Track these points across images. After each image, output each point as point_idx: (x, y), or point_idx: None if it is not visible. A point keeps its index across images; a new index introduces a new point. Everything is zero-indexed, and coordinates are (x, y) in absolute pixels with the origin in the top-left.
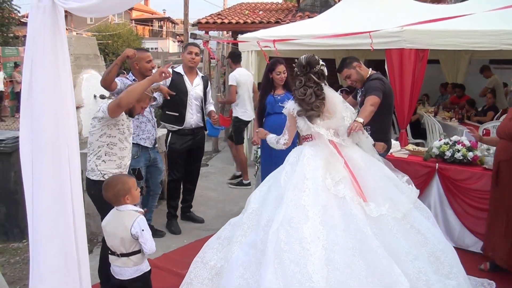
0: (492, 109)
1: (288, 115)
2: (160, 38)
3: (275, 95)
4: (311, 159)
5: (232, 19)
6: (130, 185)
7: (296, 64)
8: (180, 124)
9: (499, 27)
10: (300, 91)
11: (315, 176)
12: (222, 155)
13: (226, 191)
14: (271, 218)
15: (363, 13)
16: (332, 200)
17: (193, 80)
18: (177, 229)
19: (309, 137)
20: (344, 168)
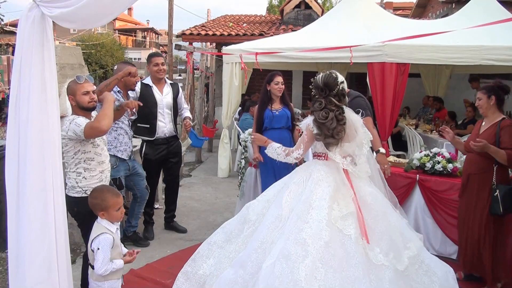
0: (472, 123)
1: (307, 130)
2: (143, 49)
3: (273, 109)
4: (319, 185)
5: (217, 31)
6: (108, 203)
7: (313, 85)
8: (152, 135)
9: (479, 42)
10: (321, 114)
11: (321, 206)
12: (205, 165)
13: (209, 201)
14: (266, 241)
15: (346, 27)
16: (336, 236)
17: (162, 89)
18: (150, 235)
19: (323, 155)
20: (353, 202)
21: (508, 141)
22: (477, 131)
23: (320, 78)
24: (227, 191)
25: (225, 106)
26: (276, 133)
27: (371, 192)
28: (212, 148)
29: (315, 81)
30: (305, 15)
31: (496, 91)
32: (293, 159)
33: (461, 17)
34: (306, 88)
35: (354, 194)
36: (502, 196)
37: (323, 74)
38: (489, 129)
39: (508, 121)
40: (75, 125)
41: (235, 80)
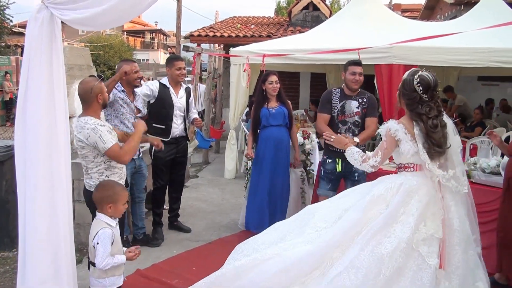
0: (480, 125)
1: (388, 136)
2: (151, 50)
3: (269, 107)
4: (410, 198)
5: (224, 32)
6: (120, 197)
7: (419, 84)
8: (167, 136)
9: (487, 44)
10: (432, 122)
11: (408, 222)
12: (212, 166)
13: (216, 202)
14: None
15: (354, 29)
16: (414, 258)
17: (178, 91)
18: (160, 236)
19: (412, 166)
20: (441, 225)
21: None
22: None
23: (429, 76)
24: (233, 192)
25: (232, 107)
26: (274, 130)
27: (460, 216)
28: (219, 149)
29: (422, 80)
30: (313, 17)
31: None
32: (369, 166)
33: (469, 19)
34: (313, 90)
35: (444, 213)
36: None
37: (426, 72)
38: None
39: None
40: (99, 138)
41: (242, 82)
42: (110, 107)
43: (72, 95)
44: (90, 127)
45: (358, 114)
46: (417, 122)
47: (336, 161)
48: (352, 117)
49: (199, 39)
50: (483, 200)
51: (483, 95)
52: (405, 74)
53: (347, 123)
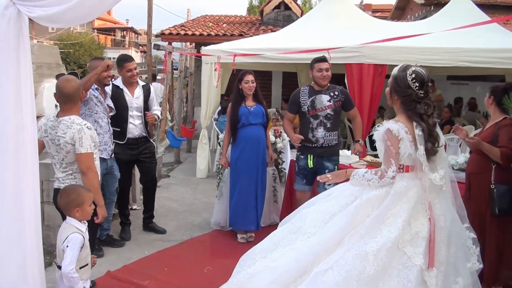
0: (449, 123)
1: (392, 138)
2: (122, 48)
3: (248, 106)
4: (399, 200)
5: (196, 30)
6: (84, 198)
7: (415, 80)
8: (122, 139)
9: (457, 45)
10: (432, 120)
11: (395, 224)
12: (184, 166)
13: (188, 202)
14: (326, 248)
15: (325, 28)
16: (398, 256)
17: (134, 91)
18: (127, 236)
19: (401, 167)
20: (428, 224)
21: (504, 140)
22: (482, 130)
23: (422, 71)
24: (205, 191)
25: (204, 106)
26: (254, 129)
27: (445, 213)
28: (191, 149)
29: (416, 75)
30: (284, 16)
31: (497, 93)
32: (389, 179)
33: (439, 19)
34: (285, 88)
35: (431, 213)
36: (499, 195)
37: (418, 67)
38: (490, 128)
39: (507, 121)
40: (79, 139)
41: (214, 81)
42: (85, 106)
43: (41, 94)
44: (76, 127)
45: (330, 107)
46: (418, 123)
47: (308, 157)
48: (324, 110)
49: (171, 38)
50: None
51: (452, 94)
52: (395, 70)
53: (319, 117)
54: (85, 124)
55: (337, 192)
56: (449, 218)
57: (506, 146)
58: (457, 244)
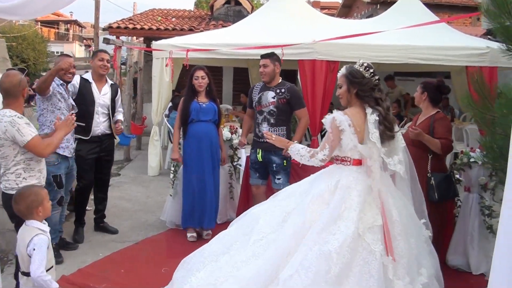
0: (398, 118)
1: (333, 127)
2: (66, 42)
3: (200, 102)
4: (349, 194)
5: (145, 24)
6: (43, 196)
7: (367, 67)
8: (86, 134)
9: (406, 42)
10: (387, 105)
11: (351, 218)
12: (135, 164)
13: (140, 201)
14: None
15: (276, 24)
16: (359, 252)
17: (102, 88)
18: (80, 237)
19: (347, 160)
20: (380, 215)
21: (441, 132)
22: (414, 124)
23: (366, 62)
24: (158, 189)
25: (155, 102)
26: (203, 126)
27: (397, 206)
28: (141, 146)
29: (367, 65)
30: (235, 11)
31: (430, 89)
32: (318, 161)
33: (388, 17)
34: (236, 84)
35: (382, 205)
36: (437, 183)
37: (360, 61)
38: (424, 122)
39: (441, 114)
40: (17, 132)
41: (165, 76)
42: (48, 101)
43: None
44: (7, 119)
45: (273, 104)
46: (374, 108)
47: (257, 151)
48: (267, 106)
49: (118, 32)
50: None
51: None
52: (343, 70)
53: (263, 113)
54: (15, 114)
55: (289, 190)
56: (405, 214)
57: (445, 138)
58: (417, 236)
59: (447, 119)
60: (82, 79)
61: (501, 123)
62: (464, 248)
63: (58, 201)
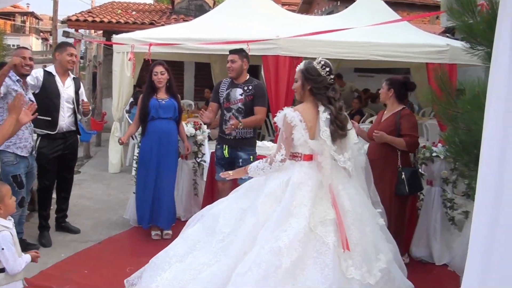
0: (358, 114)
1: (285, 124)
2: (22, 34)
3: (159, 99)
4: (299, 189)
5: (104, 18)
6: (3, 193)
7: (324, 66)
8: (53, 129)
9: (368, 39)
10: (340, 104)
11: (302, 214)
12: (95, 161)
13: (101, 199)
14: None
15: (239, 20)
16: (312, 245)
17: (65, 81)
18: (48, 241)
19: (298, 155)
20: (332, 207)
21: (407, 128)
22: (379, 120)
23: (324, 60)
24: (120, 187)
25: (115, 97)
26: (164, 123)
27: (350, 197)
28: (101, 142)
29: (325, 63)
30: (196, 6)
31: (397, 86)
32: (278, 163)
33: (350, 14)
34: (198, 79)
35: (333, 198)
36: (408, 178)
37: (319, 59)
38: (390, 118)
39: (407, 111)
40: None
41: (126, 71)
42: (3, 100)
43: None
44: None
45: (241, 101)
46: (327, 106)
47: (223, 147)
48: (235, 104)
49: (77, 25)
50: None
51: (359, 86)
52: (301, 65)
53: (231, 110)
54: None
55: (247, 185)
56: (358, 202)
57: (409, 135)
58: (372, 224)
59: (412, 115)
60: (46, 72)
61: (464, 119)
62: (427, 240)
63: (19, 202)
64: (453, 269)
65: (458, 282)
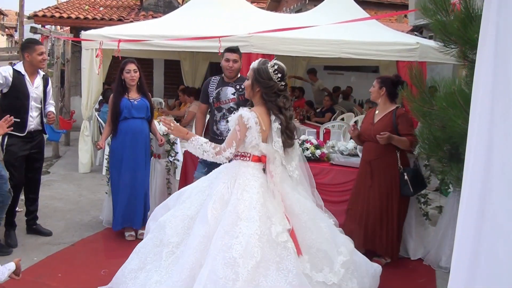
0: (330, 111)
1: (241, 124)
2: None
3: (131, 99)
4: (246, 192)
5: (72, 13)
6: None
7: (277, 71)
8: (22, 130)
9: (340, 37)
10: (290, 113)
11: (251, 217)
12: (64, 160)
13: (73, 200)
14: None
15: (211, 17)
16: (272, 248)
17: (34, 80)
18: (13, 242)
19: (247, 155)
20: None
21: (406, 128)
22: (370, 120)
23: (282, 65)
24: (91, 187)
25: (84, 96)
26: (137, 123)
27: (298, 199)
28: (70, 142)
29: (278, 67)
30: (165, 2)
31: (388, 85)
32: (224, 158)
33: (320, 12)
34: (167, 77)
35: (283, 205)
36: (411, 178)
37: (278, 61)
38: (385, 118)
39: (402, 110)
40: None
41: (95, 68)
42: None
43: None
44: None
45: (233, 101)
46: (277, 116)
47: None
48: (227, 103)
49: (44, 20)
50: (343, 180)
51: (329, 83)
52: (255, 64)
53: (222, 110)
54: None
55: (189, 190)
56: (309, 201)
57: (410, 134)
58: (326, 220)
59: (408, 114)
60: (15, 71)
61: (439, 116)
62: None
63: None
64: (428, 263)
65: (434, 276)
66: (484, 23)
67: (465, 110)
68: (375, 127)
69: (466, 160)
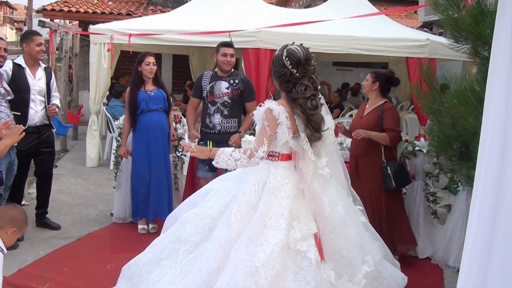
0: (338, 107)
1: (270, 119)
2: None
3: (147, 91)
4: (275, 196)
5: (80, 7)
6: (24, 224)
7: (288, 57)
8: (23, 124)
9: (349, 33)
10: (312, 103)
11: (278, 225)
12: (72, 155)
13: (80, 194)
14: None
15: (219, 12)
16: (292, 258)
17: (35, 72)
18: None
19: (276, 155)
20: (313, 220)
21: (390, 123)
22: (361, 113)
23: (299, 50)
24: (98, 181)
25: (92, 90)
26: (155, 115)
27: (330, 202)
28: (78, 136)
29: (289, 53)
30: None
31: (382, 80)
32: (258, 159)
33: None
34: (175, 72)
35: (314, 206)
36: (394, 172)
37: (296, 46)
38: (372, 112)
39: (389, 105)
40: None
41: (103, 62)
42: None
43: None
44: None
45: (227, 95)
46: (295, 107)
47: (207, 142)
48: (221, 97)
49: (53, 14)
50: None
51: (338, 80)
52: (278, 50)
53: (216, 104)
54: None
55: (215, 189)
56: (341, 204)
57: (392, 129)
58: (357, 225)
59: (394, 109)
60: (15, 64)
61: (450, 113)
62: None
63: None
64: (436, 262)
65: (442, 275)
66: (500, 18)
67: (476, 108)
68: (363, 121)
69: (479, 157)
